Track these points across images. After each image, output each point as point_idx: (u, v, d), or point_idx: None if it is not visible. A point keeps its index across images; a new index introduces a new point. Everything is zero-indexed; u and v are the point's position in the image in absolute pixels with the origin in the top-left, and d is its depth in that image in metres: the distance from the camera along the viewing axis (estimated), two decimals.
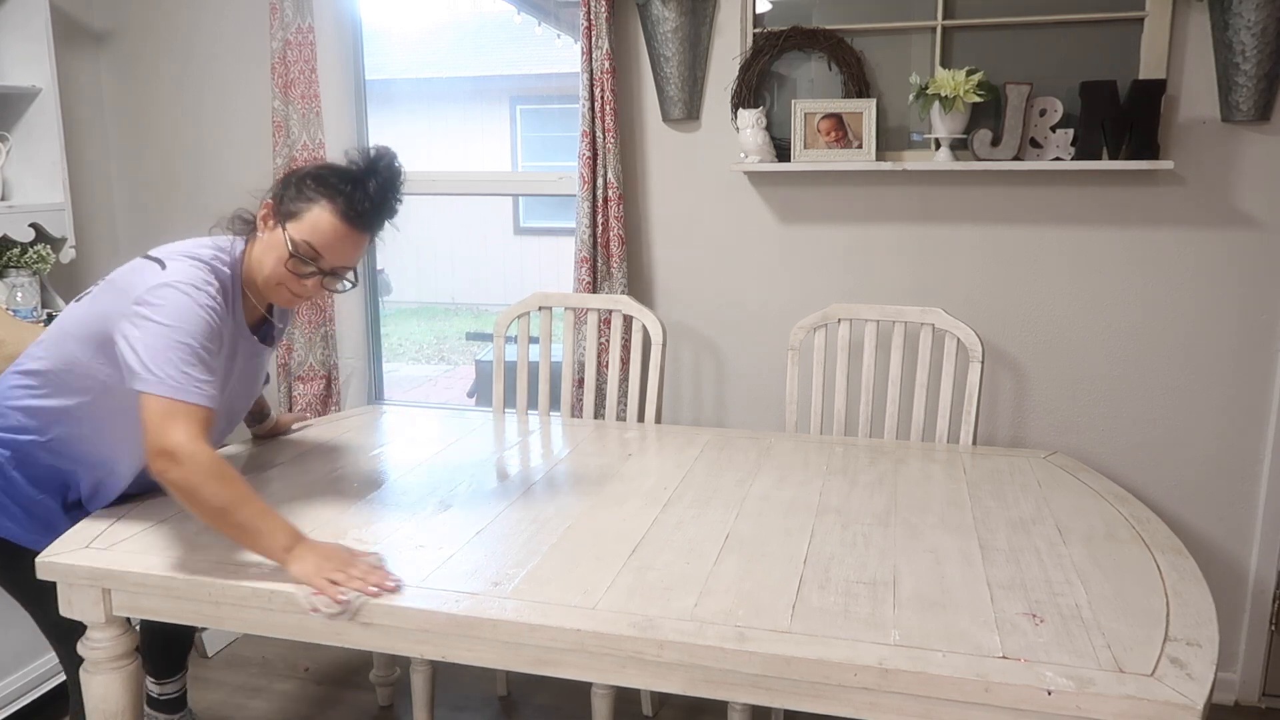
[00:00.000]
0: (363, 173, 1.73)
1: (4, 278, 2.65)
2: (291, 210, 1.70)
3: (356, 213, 1.70)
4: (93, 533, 1.72)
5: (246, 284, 1.79)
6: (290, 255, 1.69)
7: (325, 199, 1.69)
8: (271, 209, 1.73)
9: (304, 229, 1.69)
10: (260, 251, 1.74)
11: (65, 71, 2.90)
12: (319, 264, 1.71)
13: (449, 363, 7.13)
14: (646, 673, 1.39)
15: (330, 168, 1.75)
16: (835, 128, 2.59)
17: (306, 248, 1.69)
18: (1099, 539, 1.68)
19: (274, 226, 1.72)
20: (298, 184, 1.72)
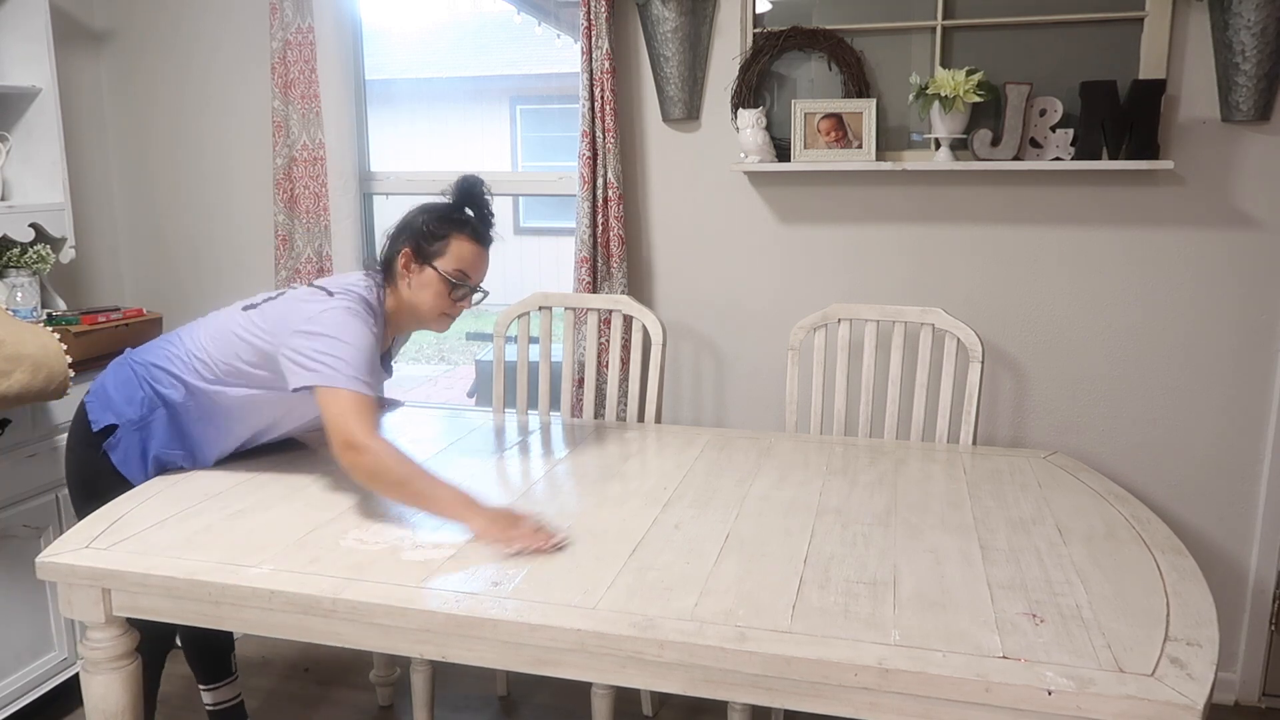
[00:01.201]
0: (466, 201, 2.04)
1: (4, 278, 2.65)
2: (432, 251, 1.98)
3: (481, 233, 2.03)
4: (93, 533, 1.72)
5: (389, 319, 2.05)
6: (450, 286, 1.98)
7: (456, 232, 1.99)
8: (411, 256, 1.98)
9: (450, 261, 1.97)
10: (414, 293, 2.00)
11: (65, 71, 2.90)
12: (469, 285, 2.01)
13: (449, 363, 7.13)
14: (646, 673, 1.39)
15: (439, 206, 2.03)
16: (835, 128, 2.59)
17: (459, 275, 1.98)
18: (1099, 539, 1.68)
19: (420, 269, 1.98)
20: (425, 229, 1.99)
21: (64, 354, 2.29)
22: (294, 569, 1.57)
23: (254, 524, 1.76)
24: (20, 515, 2.40)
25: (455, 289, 1.99)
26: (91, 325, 2.56)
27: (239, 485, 1.96)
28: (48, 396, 2.27)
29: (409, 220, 2.02)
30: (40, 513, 2.45)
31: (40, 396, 2.24)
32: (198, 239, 3.27)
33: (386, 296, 2.03)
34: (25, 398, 2.21)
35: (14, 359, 2.16)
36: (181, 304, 3.30)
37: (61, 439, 2.48)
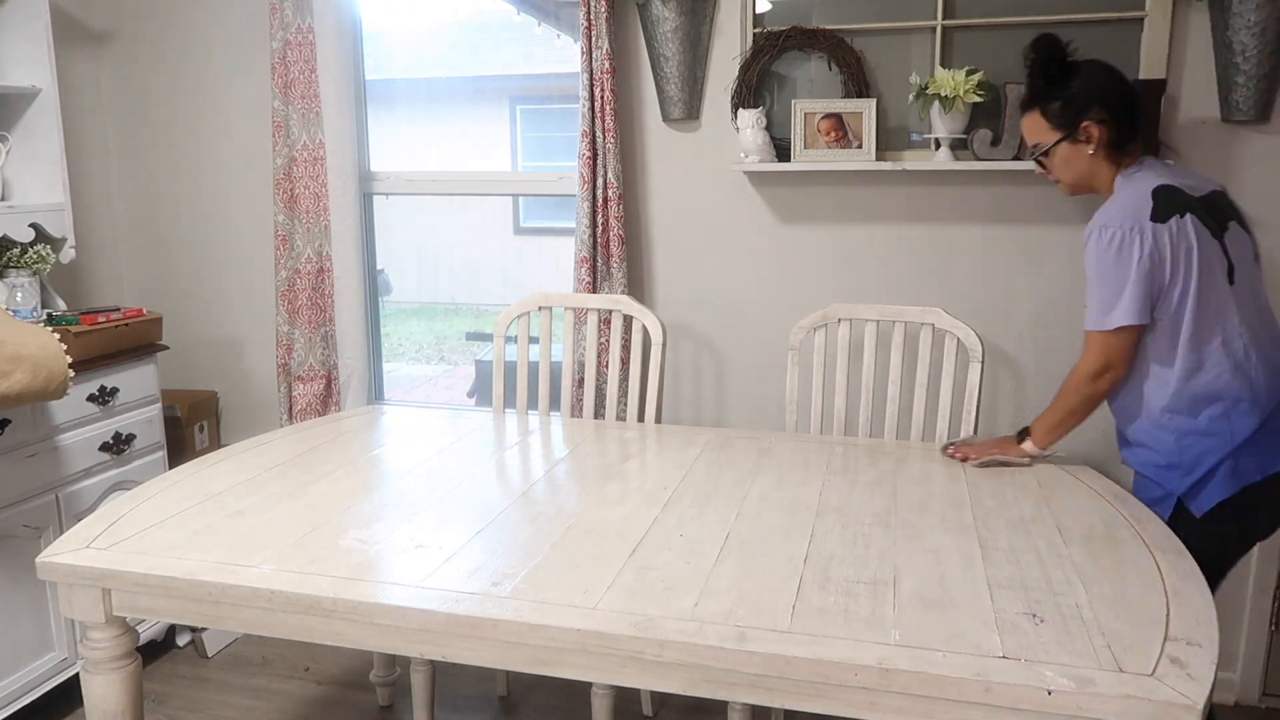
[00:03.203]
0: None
1: (4, 278, 2.65)
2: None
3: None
4: (93, 533, 1.72)
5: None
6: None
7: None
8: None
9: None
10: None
11: (65, 71, 2.90)
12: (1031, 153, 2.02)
13: (449, 363, 7.13)
14: (646, 673, 1.39)
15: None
16: (835, 128, 2.59)
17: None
18: (1099, 539, 1.68)
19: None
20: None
21: (64, 354, 2.29)
22: (294, 569, 1.57)
23: (254, 524, 1.76)
24: (20, 515, 2.40)
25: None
26: (91, 325, 2.56)
27: (239, 485, 1.96)
28: (48, 396, 2.27)
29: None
30: (40, 513, 2.45)
31: (40, 396, 2.24)
32: (198, 239, 3.27)
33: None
34: (25, 398, 2.21)
35: (14, 359, 2.16)
36: (181, 304, 3.30)
37: (62, 439, 2.49)
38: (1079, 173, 1.95)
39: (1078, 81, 1.91)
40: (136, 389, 2.71)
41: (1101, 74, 1.92)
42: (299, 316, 3.05)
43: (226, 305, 3.30)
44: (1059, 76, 1.92)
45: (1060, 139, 1.93)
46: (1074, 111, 1.90)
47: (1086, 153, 1.92)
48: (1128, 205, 1.83)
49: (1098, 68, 1.93)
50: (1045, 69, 1.92)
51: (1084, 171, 1.94)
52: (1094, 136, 1.90)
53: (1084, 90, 1.90)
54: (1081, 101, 1.90)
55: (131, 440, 2.68)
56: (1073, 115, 1.91)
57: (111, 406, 2.62)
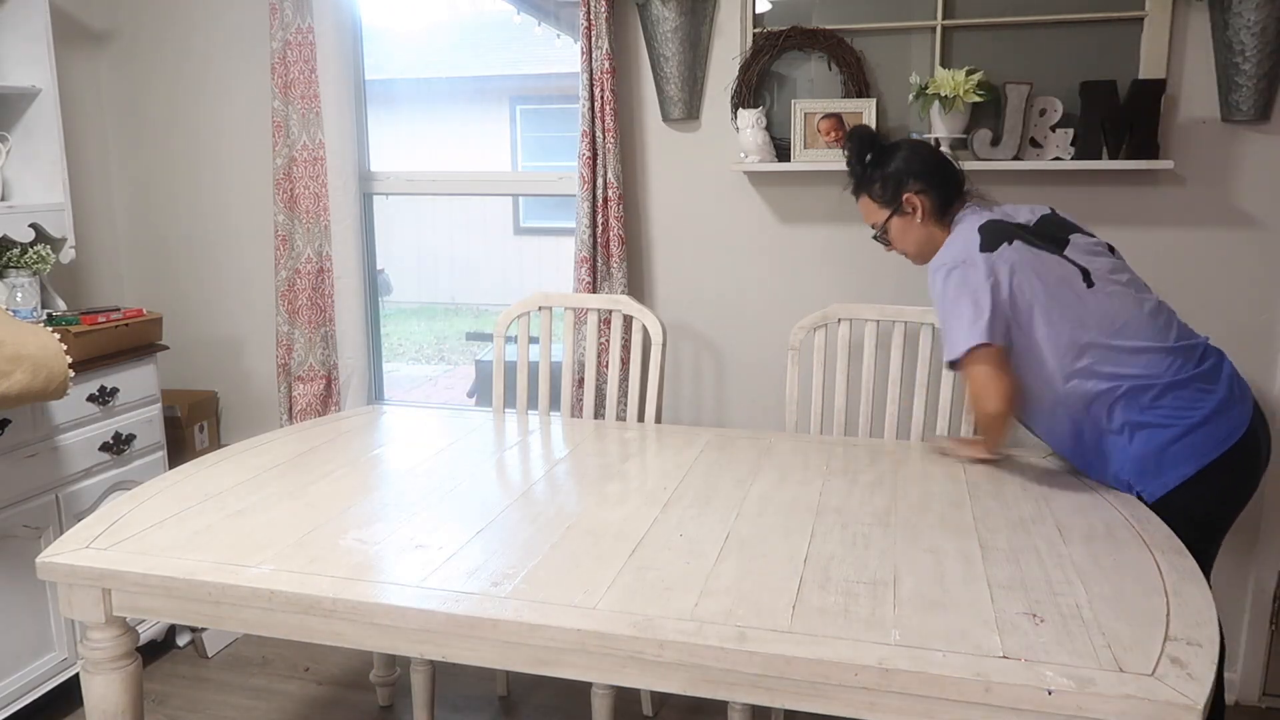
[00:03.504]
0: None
1: (4, 278, 2.65)
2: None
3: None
4: (93, 533, 1.72)
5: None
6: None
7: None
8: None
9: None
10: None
11: (65, 71, 2.90)
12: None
13: (449, 363, 7.13)
14: (646, 673, 1.39)
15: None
16: (835, 127, 2.59)
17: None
18: (1099, 539, 1.68)
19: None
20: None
21: (64, 354, 2.29)
22: (294, 569, 1.57)
23: (254, 524, 1.76)
24: (20, 515, 2.40)
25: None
26: (91, 325, 2.56)
27: (239, 485, 1.96)
28: (48, 397, 2.27)
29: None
30: (40, 513, 2.45)
31: (40, 397, 2.24)
32: (198, 239, 3.28)
33: None
34: (25, 398, 2.21)
35: (14, 359, 2.16)
36: (181, 304, 3.30)
37: (62, 439, 2.49)
38: (916, 241, 2.08)
39: (894, 162, 2.05)
40: (136, 389, 2.71)
41: (911, 149, 2.08)
42: (299, 316, 3.05)
43: (226, 305, 3.30)
44: (875, 161, 2.07)
45: (889, 215, 2.07)
46: (893, 188, 2.05)
47: (915, 222, 2.06)
48: (957, 244, 1.96)
49: (908, 145, 2.09)
50: (860, 157, 2.08)
51: (920, 238, 2.07)
52: (917, 207, 2.04)
53: (899, 168, 2.05)
54: (898, 178, 2.04)
55: (131, 440, 2.68)
56: (893, 192, 2.05)
57: (111, 406, 2.62)
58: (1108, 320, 1.86)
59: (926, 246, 2.06)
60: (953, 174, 2.07)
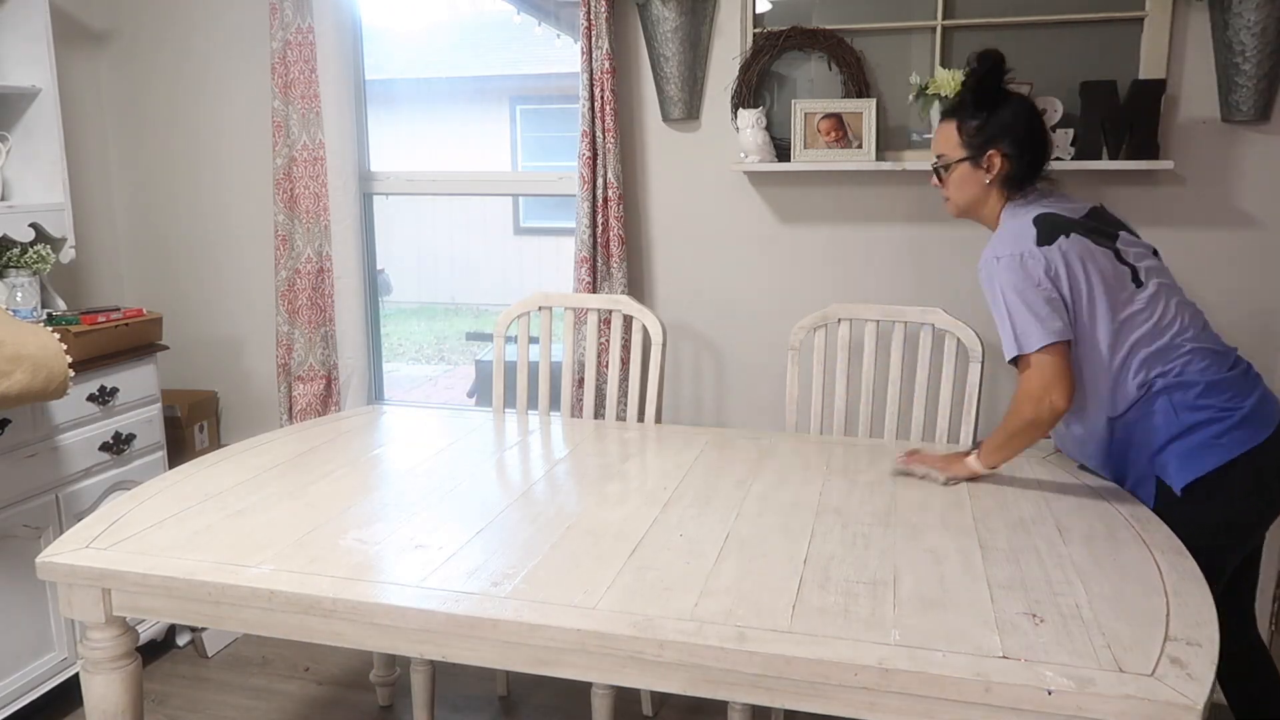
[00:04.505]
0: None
1: (4, 278, 2.64)
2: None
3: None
4: (93, 533, 1.72)
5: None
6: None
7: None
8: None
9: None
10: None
11: (65, 71, 2.90)
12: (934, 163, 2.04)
13: (449, 363, 7.12)
14: (646, 673, 1.39)
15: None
16: (835, 128, 2.59)
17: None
18: (1099, 539, 1.68)
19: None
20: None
21: (64, 354, 2.29)
22: (294, 569, 1.57)
23: (254, 524, 1.76)
24: (20, 515, 2.40)
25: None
26: (91, 325, 2.56)
27: (239, 485, 1.96)
28: (48, 396, 2.27)
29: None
30: (40, 513, 2.45)
31: (40, 396, 2.24)
32: (198, 239, 3.28)
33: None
34: (25, 398, 2.21)
35: (14, 359, 2.16)
36: (181, 304, 3.30)
37: (62, 439, 2.49)
38: (970, 197, 1.98)
39: (1003, 110, 1.93)
40: (136, 389, 2.71)
41: (1025, 112, 1.96)
42: (299, 316, 3.05)
43: (226, 305, 3.30)
44: (988, 98, 1.94)
45: (963, 158, 1.95)
46: (986, 138, 1.93)
47: (983, 180, 1.94)
48: (1014, 235, 1.87)
49: (1024, 105, 1.97)
50: (979, 85, 1.95)
51: (975, 197, 1.97)
52: (995, 167, 1.92)
53: (1003, 121, 1.92)
54: (996, 130, 1.92)
55: (131, 440, 2.68)
56: (983, 141, 1.93)
57: (111, 406, 2.62)
58: (1156, 318, 1.83)
59: (976, 207, 1.99)
60: (1044, 154, 1.96)
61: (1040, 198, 1.94)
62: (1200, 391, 1.80)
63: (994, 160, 1.92)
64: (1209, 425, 1.79)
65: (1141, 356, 1.83)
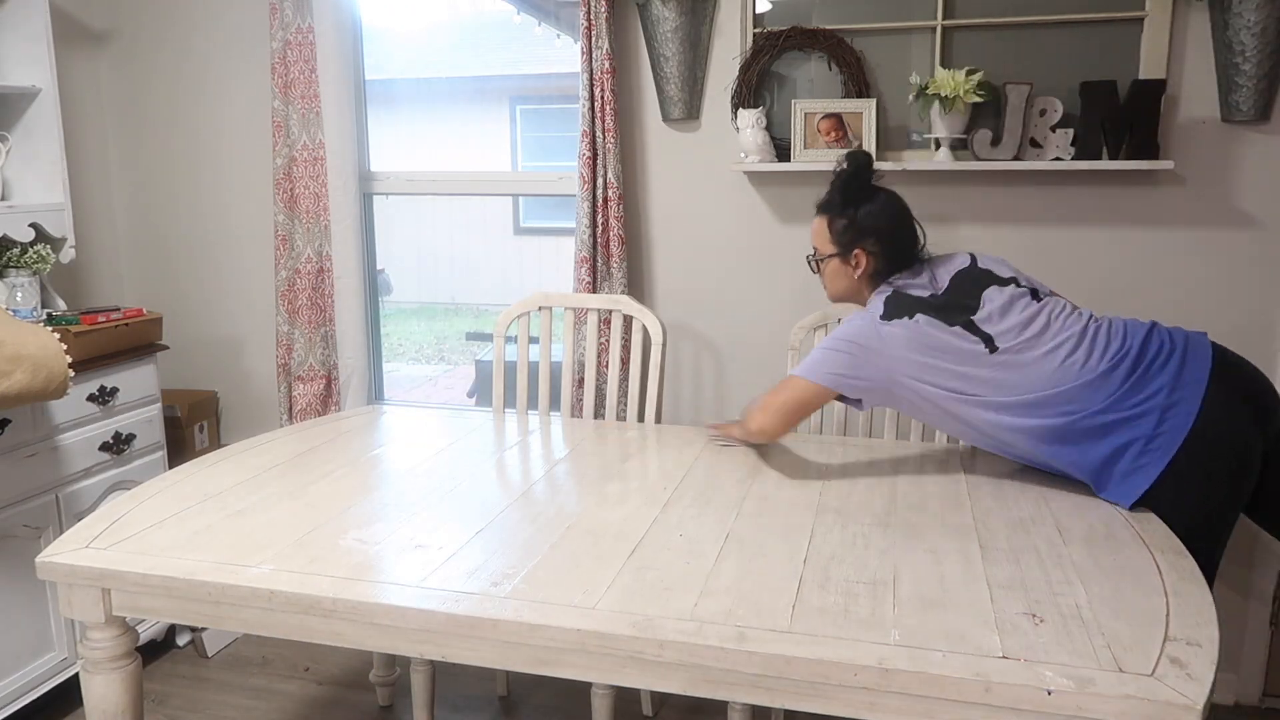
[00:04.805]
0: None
1: (4, 278, 2.65)
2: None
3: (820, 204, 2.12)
4: (93, 533, 1.72)
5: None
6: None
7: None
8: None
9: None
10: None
11: (65, 71, 2.90)
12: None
13: (449, 363, 7.12)
14: (646, 673, 1.39)
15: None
16: (835, 127, 2.59)
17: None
18: (1099, 539, 1.68)
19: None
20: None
21: (64, 354, 2.29)
22: (294, 569, 1.57)
23: (254, 524, 1.76)
24: (20, 515, 2.40)
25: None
26: (91, 325, 2.56)
27: (239, 485, 1.96)
28: (48, 396, 2.27)
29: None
30: (40, 513, 2.45)
31: (40, 396, 2.24)
32: (198, 239, 3.28)
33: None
34: (25, 398, 2.21)
35: (14, 359, 2.16)
36: (181, 304, 3.30)
37: (62, 439, 2.49)
38: (842, 289, 2.09)
39: (868, 208, 2.02)
40: (136, 389, 2.71)
41: (890, 208, 2.03)
42: (299, 316, 3.05)
43: (226, 305, 3.30)
44: (855, 197, 2.02)
45: (833, 254, 2.05)
46: (852, 237, 2.02)
47: (852, 275, 2.05)
48: (861, 318, 1.96)
49: (891, 202, 2.04)
50: (845, 185, 2.03)
51: (847, 289, 2.08)
52: (862, 264, 2.02)
53: (868, 220, 2.01)
54: (861, 230, 2.01)
55: (131, 440, 2.69)
56: (850, 239, 2.02)
57: (111, 406, 2.62)
58: (1014, 382, 1.85)
59: (849, 295, 2.10)
60: (911, 247, 2.04)
61: (910, 276, 2.00)
62: (1091, 426, 1.82)
63: (860, 258, 2.02)
64: (1123, 453, 1.81)
65: (1014, 415, 1.86)
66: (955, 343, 1.88)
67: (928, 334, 1.89)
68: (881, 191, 2.05)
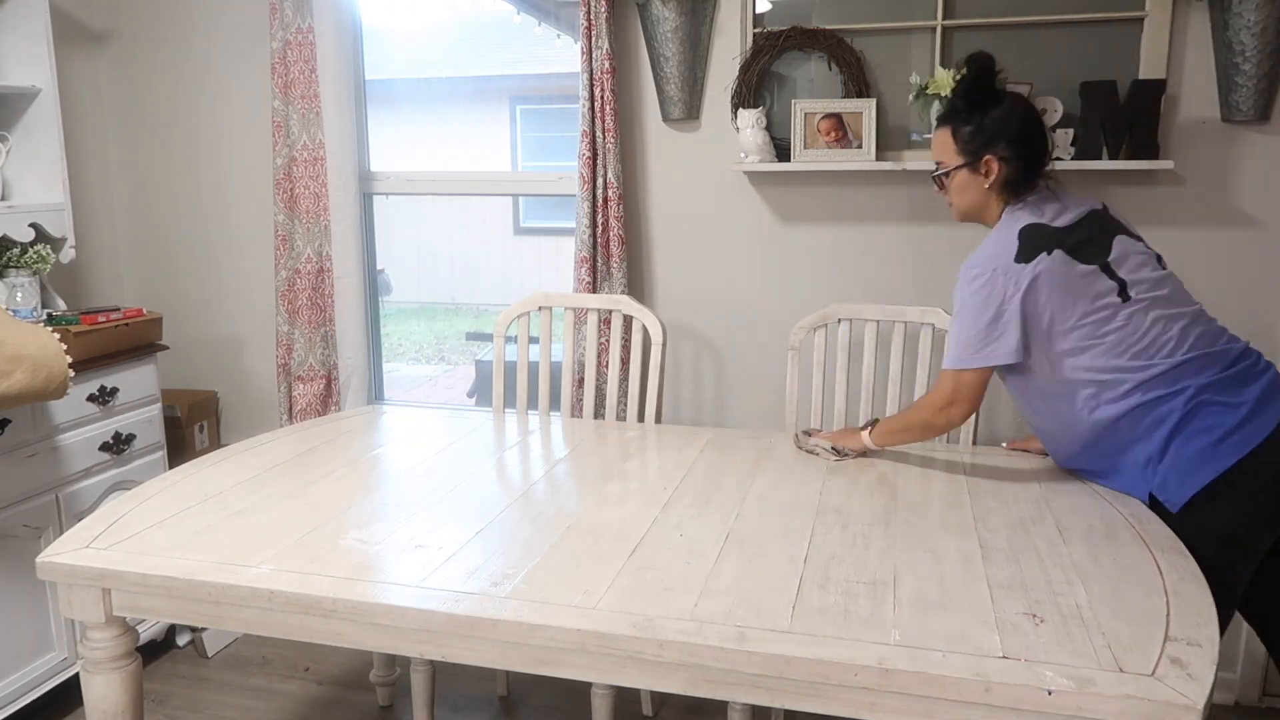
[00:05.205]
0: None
1: (4, 278, 2.64)
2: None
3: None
4: (93, 533, 1.72)
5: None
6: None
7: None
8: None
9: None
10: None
11: (65, 71, 2.90)
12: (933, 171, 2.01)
13: (449, 363, 7.12)
14: (646, 673, 1.39)
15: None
16: (835, 127, 2.59)
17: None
18: (1099, 539, 1.68)
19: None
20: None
21: (64, 354, 2.29)
22: (294, 569, 1.57)
23: (254, 524, 1.76)
24: (20, 515, 2.40)
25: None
26: (91, 325, 2.56)
27: (239, 485, 1.96)
28: (48, 396, 2.27)
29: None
30: (40, 513, 2.45)
31: (40, 396, 2.24)
32: (198, 239, 3.27)
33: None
34: (25, 398, 2.21)
35: (14, 359, 2.16)
36: (181, 304, 3.30)
37: (62, 439, 2.49)
38: (970, 202, 1.96)
39: (995, 112, 1.90)
40: (136, 389, 2.71)
41: (1019, 111, 1.92)
42: (299, 316, 3.05)
43: (226, 305, 3.30)
44: (980, 101, 1.91)
45: (961, 165, 1.93)
46: (981, 142, 1.90)
47: (983, 185, 1.92)
48: (995, 248, 1.86)
49: (1019, 104, 1.94)
50: (970, 90, 1.92)
51: (976, 202, 1.95)
52: (993, 171, 1.90)
53: (997, 124, 1.89)
54: (991, 134, 1.89)
55: (131, 440, 2.68)
56: (979, 146, 1.90)
57: (111, 406, 2.62)
58: (1137, 339, 1.79)
59: (977, 211, 1.96)
60: (1043, 152, 1.92)
61: (1041, 201, 1.90)
62: (1179, 409, 1.77)
63: (991, 165, 1.90)
64: (1201, 436, 1.75)
65: (1116, 376, 1.80)
66: (1092, 283, 1.80)
67: (1067, 267, 1.80)
68: (1008, 94, 1.92)
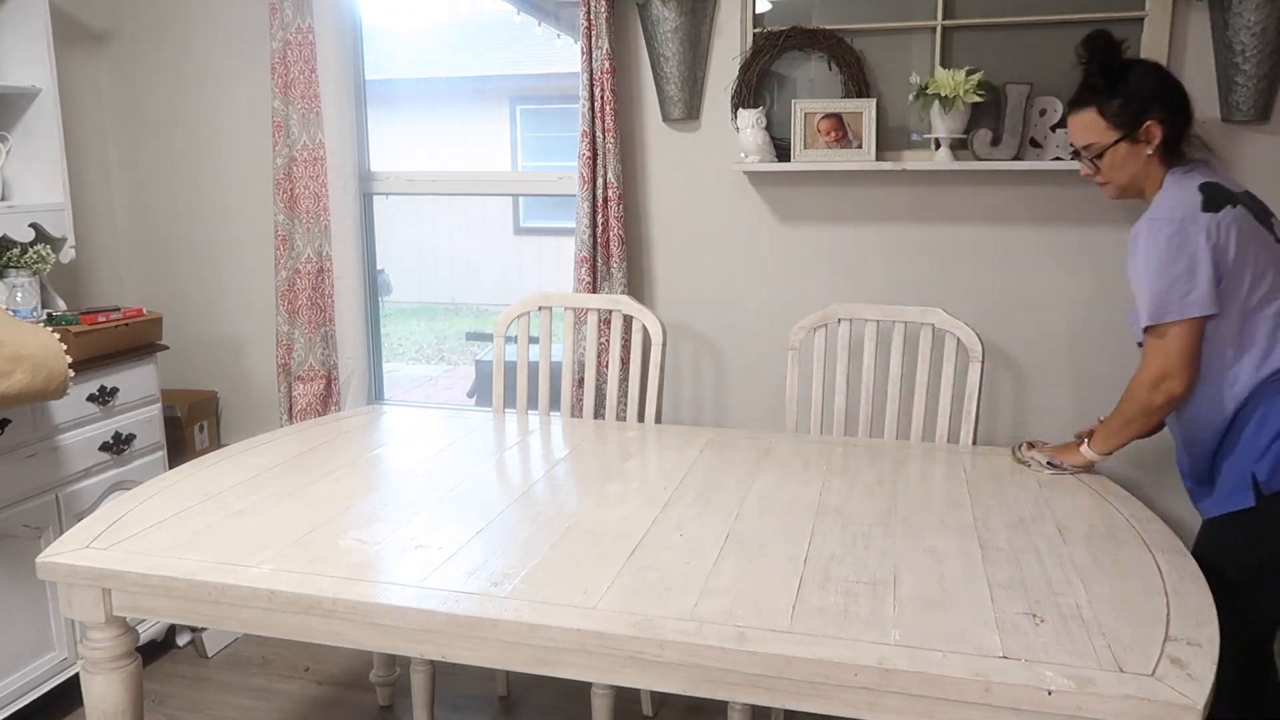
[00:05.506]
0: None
1: (4, 278, 2.64)
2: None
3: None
4: (93, 533, 1.72)
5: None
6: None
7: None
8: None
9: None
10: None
11: (65, 71, 2.90)
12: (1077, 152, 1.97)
13: (449, 363, 7.12)
14: (646, 673, 1.39)
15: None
16: (835, 128, 2.59)
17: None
18: (1099, 539, 1.68)
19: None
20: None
21: (64, 354, 2.29)
22: (294, 569, 1.57)
23: (254, 524, 1.76)
24: (20, 515, 2.40)
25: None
26: (91, 325, 2.56)
27: (239, 485, 1.96)
28: (48, 396, 2.27)
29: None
30: (40, 513, 2.45)
31: (40, 396, 2.24)
32: (198, 239, 3.28)
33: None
34: (25, 398, 2.21)
35: (14, 359, 2.16)
36: (181, 304, 3.30)
37: (62, 439, 2.49)
38: (1132, 174, 1.89)
39: (1137, 79, 1.86)
40: (136, 389, 2.71)
41: (1154, 71, 1.90)
42: (299, 316, 3.05)
43: (226, 305, 3.30)
44: (1118, 72, 1.86)
45: (1119, 139, 1.86)
46: (1135, 110, 1.84)
47: (1145, 153, 1.86)
48: (1178, 199, 1.80)
49: (1152, 66, 1.92)
50: (1106, 66, 1.86)
51: (1138, 173, 1.89)
52: (1155, 136, 1.85)
53: (1143, 89, 1.85)
54: (1143, 100, 1.84)
55: (131, 440, 2.68)
56: (1134, 114, 1.85)
57: (111, 406, 2.62)
58: None
59: (1139, 182, 1.90)
60: (1190, 109, 1.88)
61: (1203, 168, 1.87)
62: None
63: (1152, 131, 1.85)
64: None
65: (1274, 341, 1.74)
66: (1270, 246, 1.76)
67: (1252, 225, 1.75)
68: (1134, 61, 1.90)
